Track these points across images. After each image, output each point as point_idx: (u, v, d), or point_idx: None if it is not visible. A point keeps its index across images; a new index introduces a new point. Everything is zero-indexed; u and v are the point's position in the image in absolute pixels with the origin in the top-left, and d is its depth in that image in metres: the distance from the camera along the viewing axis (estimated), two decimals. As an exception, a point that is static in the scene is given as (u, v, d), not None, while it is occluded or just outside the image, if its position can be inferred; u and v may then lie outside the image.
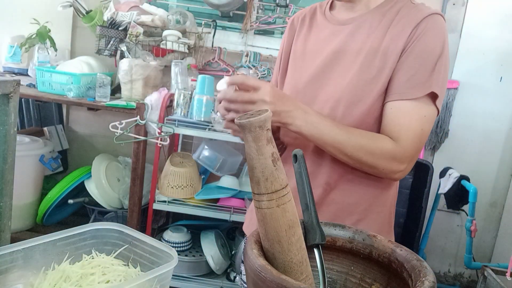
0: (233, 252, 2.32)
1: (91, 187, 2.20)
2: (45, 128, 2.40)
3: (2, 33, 2.33)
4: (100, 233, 0.76)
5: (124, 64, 2.09)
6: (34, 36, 2.24)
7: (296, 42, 1.08)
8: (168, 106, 2.12)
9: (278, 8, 2.47)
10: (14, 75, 2.28)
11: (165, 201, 2.13)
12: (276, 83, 1.14)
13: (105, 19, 2.22)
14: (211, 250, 2.21)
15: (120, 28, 2.16)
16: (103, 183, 2.20)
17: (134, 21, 2.16)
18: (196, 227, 2.39)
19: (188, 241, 2.29)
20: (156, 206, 2.14)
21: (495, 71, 2.54)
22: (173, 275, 0.71)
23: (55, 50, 2.29)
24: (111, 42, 2.18)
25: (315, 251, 0.67)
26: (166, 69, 2.32)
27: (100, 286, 0.66)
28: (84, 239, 0.75)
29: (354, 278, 0.71)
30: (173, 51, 2.28)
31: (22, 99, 2.41)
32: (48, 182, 2.34)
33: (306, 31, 1.07)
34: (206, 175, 2.40)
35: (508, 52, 2.51)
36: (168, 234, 2.27)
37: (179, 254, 2.06)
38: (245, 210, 2.08)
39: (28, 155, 2.08)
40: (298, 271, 0.63)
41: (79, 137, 2.65)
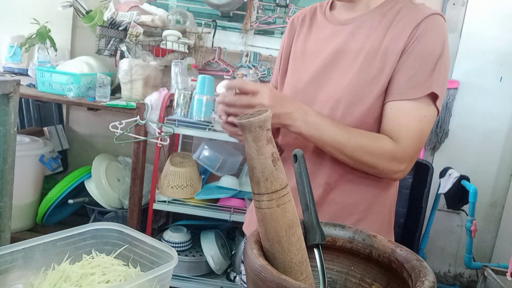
0: (233, 252, 2.32)
1: (91, 187, 2.20)
2: (45, 128, 2.40)
3: (2, 33, 2.33)
4: (100, 233, 0.76)
5: (124, 64, 2.09)
6: (34, 36, 2.24)
7: (296, 42, 1.08)
8: (168, 106, 2.12)
9: (278, 8, 2.47)
10: (14, 75, 2.28)
11: (165, 201, 2.13)
12: (276, 83, 1.14)
13: (105, 19, 2.22)
14: (211, 250, 2.21)
15: (120, 28, 2.16)
16: (103, 183, 2.20)
17: (134, 21, 2.16)
18: (196, 227, 2.39)
19: (188, 241, 2.29)
20: (156, 206, 2.14)
21: (495, 71, 2.54)
22: (173, 275, 0.71)
23: (55, 50, 2.30)
24: (111, 42, 2.18)
25: (315, 251, 0.67)
26: (166, 69, 2.32)
27: (100, 286, 0.66)
28: (84, 239, 0.75)
29: (354, 278, 0.71)
30: (173, 51, 2.28)
31: (22, 99, 2.41)
32: (48, 182, 2.34)
33: (306, 31, 1.07)
34: (206, 175, 2.40)
35: (508, 52, 2.51)
36: (168, 234, 2.27)
37: (179, 254, 2.06)
38: (245, 210, 2.08)
39: (28, 155, 2.08)
40: (298, 271, 0.63)
41: (79, 137, 2.65)
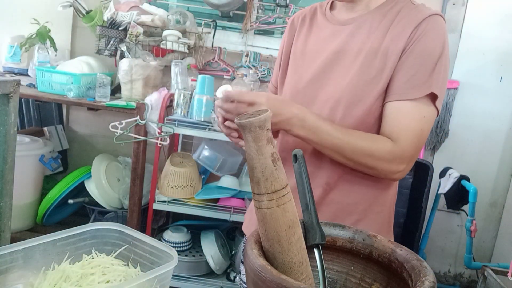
0: (233, 252, 2.32)
1: (91, 187, 2.20)
2: (45, 128, 2.40)
3: (2, 33, 2.33)
4: (100, 233, 0.76)
5: (124, 64, 2.09)
6: (34, 36, 2.24)
7: (296, 42, 1.08)
8: (168, 106, 2.12)
9: (278, 8, 2.47)
10: (14, 75, 2.28)
11: (165, 201, 2.13)
12: (276, 82, 1.14)
13: (105, 19, 2.22)
14: (211, 250, 2.21)
15: (120, 28, 2.16)
16: (103, 183, 2.20)
17: (134, 21, 2.16)
18: (196, 227, 2.39)
19: (188, 241, 2.29)
20: (156, 206, 2.14)
21: (495, 71, 2.54)
22: (173, 275, 0.71)
23: (55, 50, 2.29)
24: (111, 42, 2.18)
25: (315, 251, 0.67)
26: (166, 69, 2.31)
27: (100, 286, 0.66)
28: (84, 239, 0.75)
29: (354, 278, 0.71)
30: (173, 51, 2.28)
31: (22, 99, 2.40)
32: (48, 182, 2.34)
33: (306, 31, 1.07)
34: (206, 175, 2.40)
35: (508, 52, 2.50)
36: (168, 234, 2.27)
37: (179, 254, 2.06)
38: (245, 210, 2.08)
39: (28, 155, 2.08)
40: (298, 271, 0.63)
41: (79, 137, 2.65)
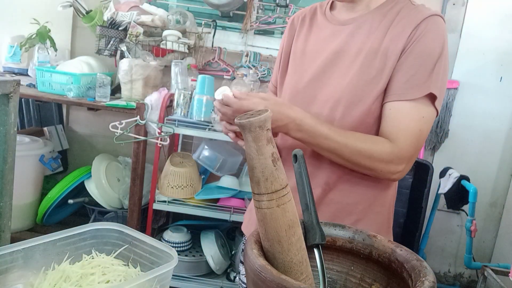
0: (233, 252, 2.32)
1: (91, 187, 2.20)
2: (45, 128, 2.40)
3: (2, 33, 2.33)
4: (100, 233, 0.76)
5: (124, 64, 2.09)
6: (34, 36, 2.23)
7: (296, 42, 1.08)
8: (168, 106, 2.12)
9: (278, 8, 2.46)
10: (14, 75, 2.28)
11: (165, 201, 2.13)
12: (276, 82, 1.15)
13: (105, 19, 2.22)
14: (211, 250, 2.21)
15: (120, 28, 2.16)
16: (103, 183, 2.20)
17: (134, 21, 2.16)
18: (196, 227, 2.39)
19: (188, 241, 2.29)
20: (156, 206, 2.14)
21: (495, 71, 2.54)
22: (173, 275, 0.71)
23: (55, 50, 2.29)
24: (111, 42, 2.18)
25: (315, 251, 0.67)
26: (166, 69, 2.31)
27: (100, 286, 0.66)
28: (84, 239, 0.75)
29: (354, 278, 0.71)
30: (173, 51, 2.28)
31: (22, 99, 2.40)
32: (48, 182, 2.34)
33: (306, 31, 1.07)
34: (206, 175, 2.40)
35: (508, 52, 2.50)
36: (168, 234, 2.27)
37: (179, 254, 2.06)
38: (245, 210, 2.08)
39: (28, 155, 2.07)
40: (298, 271, 0.63)
41: (79, 137, 2.65)
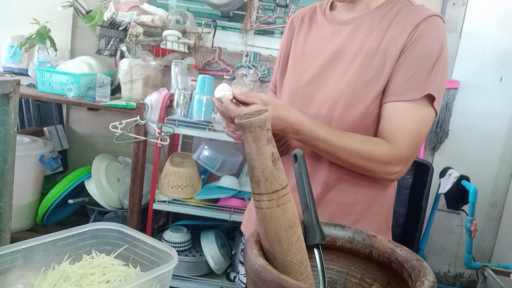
0: (233, 252, 2.32)
1: (91, 187, 2.20)
2: (45, 128, 2.40)
3: (2, 33, 2.33)
4: (100, 233, 0.76)
5: (124, 64, 2.09)
6: (34, 36, 2.23)
7: (296, 42, 1.08)
8: (168, 106, 2.12)
9: (278, 8, 2.46)
10: (14, 75, 2.28)
11: (165, 201, 2.13)
12: (276, 82, 1.15)
13: (105, 19, 2.22)
14: (211, 250, 2.21)
15: (120, 28, 2.15)
16: (103, 183, 2.20)
17: (134, 21, 2.16)
18: (196, 227, 2.39)
19: (188, 241, 2.29)
20: (156, 206, 2.14)
21: (495, 71, 2.54)
22: (173, 275, 0.71)
23: (55, 50, 2.29)
24: (111, 42, 2.18)
25: (315, 251, 0.67)
26: (166, 69, 2.31)
27: (100, 286, 0.66)
28: (84, 239, 0.75)
29: (354, 278, 0.71)
30: (173, 51, 2.28)
31: (22, 99, 2.40)
32: (48, 182, 2.34)
33: (305, 31, 1.07)
34: (206, 175, 2.40)
35: (508, 52, 2.50)
36: (168, 234, 2.27)
37: (179, 254, 2.06)
38: (245, 210, 2.08)
39: (28, 155, 2.07)
40: (298, 271, 0.63)
41: (79, 137, 2.65)
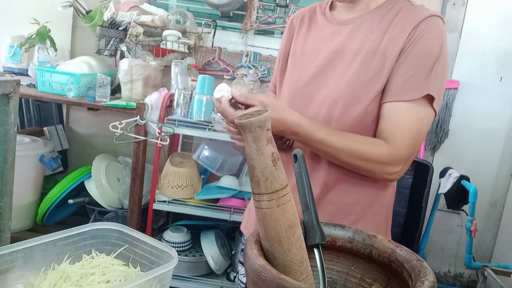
0: (233, 252, 2.32)
1: (91, 187, 2.20)
2: (45, 128, 2.40)
3: (2, 33, 2.33)
4: (100, 233, 0.76)
5: (124, 64, 2.09)
6: (34, 36, 2.23)
7: (295, 42, 1.08)
8: (168, 106, 2.12)
9: (278, 8, 2.46)
10: (14, 75, 2.28)
11: (165, 201, 2.13)
12: (276, 82, 1.15)
13: (105, 19, 2.22)
14: (211, 250, 2.21)
15: (120, 28, 2.15)
16: (103, 183, 2.20)
17: (134, 21, 2.16)
18: (196, 227, 2.39)
19: (188, 241, 2.29)
20: (156, 206, 2.14)
21: (495, 71, 2.54)
22: (173, 275, 0.71)
23: (55, 50, 2.29)
24: (111, 42, 2.18)
25: (315, 251, 0.67)
26: (166, 69, 2.31)
27: (100, 286, 0.66)
28: (84, 239, 0.75)
29: (354, 278, 0.71)
30: (173, 51, 2.28)
31: (22, 99, 2.40)
32: (48, 182, 2.34)
33: (305, 31, 1.07)
34: (206, 175, 2.40)
35: (508, 52, 2.50)
36: (168, 234, 2.27)
37: (179, 254, 2.06)
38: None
39: (28, 155, 2.07)
40: (298, 271, 0.63)
41: (79, 137, 2.65)
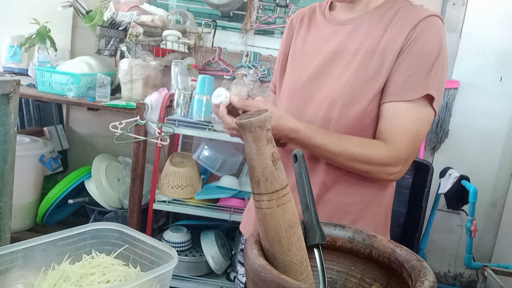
0: (233, 252, 2.32)
1: (91, 187, 2.20)
2: (45, 128, 2.40)
3: (2, 33, 2.33)
4: (100, 233, 0.76)
5: (124, 64, 2.09)
6: (34, 36, 2.23)
7: (295, 42, 1.08)
8: (168, 106, 2.12)
9: (278, 8, 2.46)
10: (14, 75, 2.28)
11: (165, 201, 2.13)
12: (276, 82, 1.15)
13: (105, 19, 2.22)
14: (211, 250, 2.21)
15: (120, 28, 2.15)
16: (103, 183, 2.20)
17: (134, 21, 2.16)
18: (196, 227, 2.39)
19: (188, 241, 2.29)
20: (156, 206, 2.14)
21: (495, 71, 2.54)
22: (173, 275, 0.71)
23: (55, 50, 2.29)
24: (111, 42, 2.18)
25: (315, 251, 0.67)
26: (166, 69, 2.31)
27: (100, 286, 0.66)
28: (84, 239, 0.75)
29: (354, 278, 0.71)
30: (173, 51, 2.28)
31: (22, 99, 2.40)
32: (48, 182, 2.34)
33: (305, 31, 1.07)
34: (206, 175, 2.40)
35: (508, 52, 2.50)
36: (168, 234, 2.27)
37: (179, 254, 2.06)
38: (245, 210, 2.08)
39: (28, 155, 2.07)
40: (298, 271, 0.63)
41: (79, 137, 2.65)
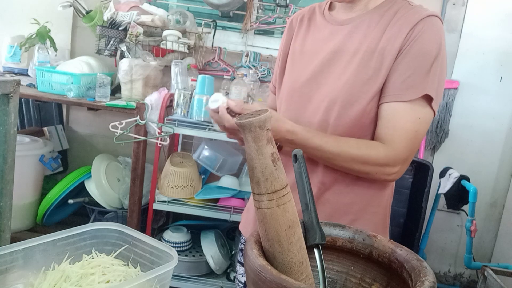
0: (233, 252, 2.32)
1: (91, 187, 2.20)
2: (45, 128, 2.40)
3: (2, 33, 2.33)
4: (100, 233, 0.76)
5: (124, 64, 2.09)
6: (34, 36, 2.23)
7: (295, 42, 1.08)
8: (168, 106, 2.12)
9: (278, 8, 2.46)
10: (14, 75, 2.28)
11: (165, 201, 2.13)
12: (276, 82, 1.15)
13: (105, 19, 2.22)
14: (211, 250, 2.22)
15: (120, 28, 2.16)
16: (103, 183, 2.20)
17: (134, 21, 2.16)
18: (196, 227, 2.39)
19: (188, 241, 2.29)
20: (156, 206, 2.14)
21: (495, 71, 2.54)
22: (173, 275, 0.71)
23: (55, 50, 2.29)
24: (111, 42, 2.18)
25: (315, 251, 0.67)
26: (166, 69, 2.31)
27: (100, 286, 0.66)
28: (84, 239, 0.75)
29: (354, 278, 0.71)
30: (173, 51, 2.28)
31: (22, 99, 2.40)
32: (48, 182, 2.34)
33: (304, 31, 1.07)
34: (206, 175, 2.40)
35: (508, 52, 2.50)
36: (168, 234, 2.27)
37: (179, 254, 2.06)
38: (245, 210, 2.08)
39: (28, 155, 2.07)
40: (298, 271, 0.63)
41: (79, 137, 2.65)
